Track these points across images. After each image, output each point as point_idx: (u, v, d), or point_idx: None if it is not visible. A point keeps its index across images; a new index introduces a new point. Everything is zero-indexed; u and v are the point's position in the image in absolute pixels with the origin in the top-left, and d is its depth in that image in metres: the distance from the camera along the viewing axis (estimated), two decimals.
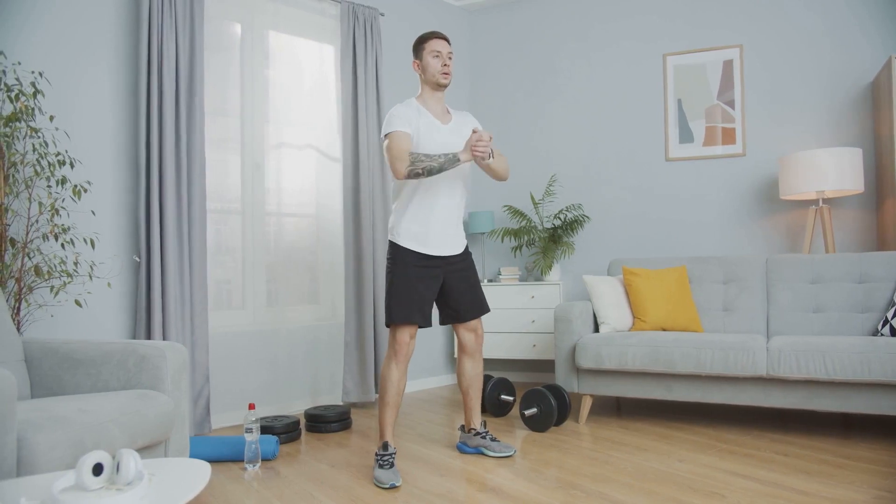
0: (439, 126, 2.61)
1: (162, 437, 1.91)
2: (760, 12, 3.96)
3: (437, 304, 2.76)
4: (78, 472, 1.19)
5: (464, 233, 2.75)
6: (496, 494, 2.26)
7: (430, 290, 2.62)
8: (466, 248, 2.75)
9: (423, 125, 2.56)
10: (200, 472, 1.30)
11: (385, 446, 2.52)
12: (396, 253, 2.61)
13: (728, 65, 4.05)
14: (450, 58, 2.62)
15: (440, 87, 2.63)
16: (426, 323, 2.58)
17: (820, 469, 2.43)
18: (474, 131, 2.43)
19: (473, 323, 2.75)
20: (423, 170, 2.42)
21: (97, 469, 1.21)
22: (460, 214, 2.70)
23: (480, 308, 2.76)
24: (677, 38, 4.20)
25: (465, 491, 2.31)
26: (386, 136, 2.53)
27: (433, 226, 2.59)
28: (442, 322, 2.80)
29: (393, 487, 2.36)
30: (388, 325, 2.57)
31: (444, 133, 2.61)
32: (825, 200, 3.61)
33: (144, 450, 1.86)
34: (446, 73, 2.60)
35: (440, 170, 2.43)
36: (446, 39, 2.63)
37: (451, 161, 2.42)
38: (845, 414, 3.31)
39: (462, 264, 2.71)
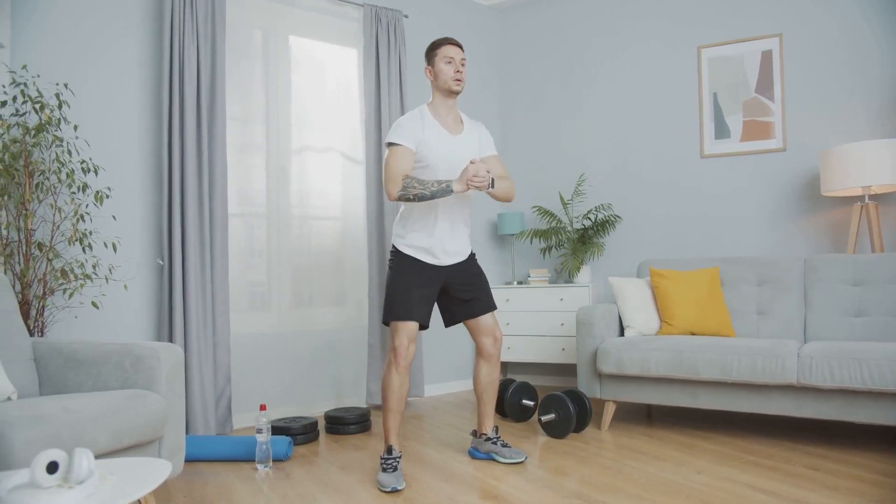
0: (447, 136, 2.57)
1: (153, 436, 1.94)
2: None
3: (443, 305, 2.73)
4: (32, 470, 1.21)
5: (469, 241, 2.71)
6: (498, 502, 2.20)
7: (431, 292, 2.60)
8: (472, 254, 2.72)
9: (431, 135, 2.52)
10: (157, 473, 1.31)
11: (389, 450, 2.50)
12: (398, 259, 2.60)
13: (767, 55, 3.83)
14: (462, 64, 2.57)
15: (452, 94, 2.58)
16: (424, 322, 2.56)
17: (851, 486, 2.25)
18: (472, 162, 2.37)
19: (492, 327, 2.70)
20: (414, 196, 2.39)
21: (52, 467, 1.23)
22: (466, 224, 2.67)
23: (489, 304, 2.71)
24: (712, 30, 4.01)
25: (468, 498, 2.25)
26: (388, 145, 2.50)
27: (437, 237, 2.56)
28: (449, 322, 2.75)
29: (395, 491, 2.33)
30: (385, 323, 2.55)
31: (453, 143, 2.57)
32: (871, 196, 3.36)
33: (135, 448, 1.90)
34: (458, 80, 2.55)
35: (431, 198, 2.39)
36: (459, 46, 2.58)
37: (444, 191, 2.38)
38: (889, 427, 3.07)
39: (468, 270, 2.69)
